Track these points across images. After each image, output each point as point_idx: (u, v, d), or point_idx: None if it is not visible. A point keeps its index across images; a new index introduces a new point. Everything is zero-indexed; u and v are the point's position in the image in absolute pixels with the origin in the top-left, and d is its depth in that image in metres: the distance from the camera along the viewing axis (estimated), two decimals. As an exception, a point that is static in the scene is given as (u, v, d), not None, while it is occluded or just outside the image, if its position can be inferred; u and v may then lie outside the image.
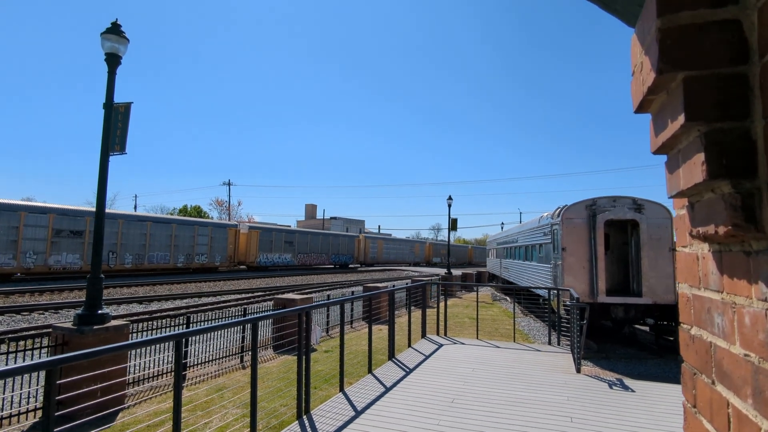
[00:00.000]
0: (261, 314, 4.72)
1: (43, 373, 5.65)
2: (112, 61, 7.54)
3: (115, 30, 7.49)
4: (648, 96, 0.89)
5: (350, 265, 54.01)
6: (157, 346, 8.29)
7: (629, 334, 12.87)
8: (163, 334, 3.60)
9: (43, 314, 14.53)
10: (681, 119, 0.77)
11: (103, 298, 7.35)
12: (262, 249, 40.06)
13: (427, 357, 8.00)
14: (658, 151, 0.94)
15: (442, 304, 11.04)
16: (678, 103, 0.78)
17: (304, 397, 5.16)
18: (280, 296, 11.34)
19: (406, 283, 10.70)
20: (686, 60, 0.76)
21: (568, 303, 8.35)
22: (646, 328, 13.47)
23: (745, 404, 0.77)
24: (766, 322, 0.70)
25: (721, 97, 0.74)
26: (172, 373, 4.45)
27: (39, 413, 6.10)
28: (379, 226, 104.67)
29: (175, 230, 32.24)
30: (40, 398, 6.39)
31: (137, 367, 7.82)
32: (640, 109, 0.95)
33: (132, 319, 11.95)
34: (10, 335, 10.04)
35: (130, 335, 7.36)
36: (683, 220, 1.01)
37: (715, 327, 0.89)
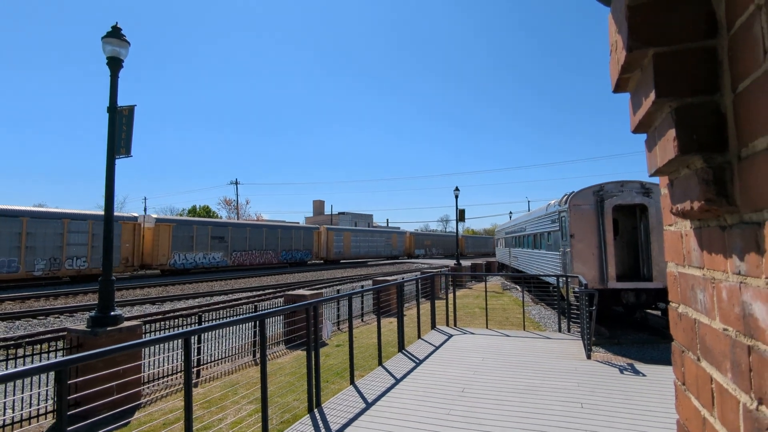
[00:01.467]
0: (267, 311, 4.77)
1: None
2: (114, 64, 7.59)
3: (115, 33, 7.53)
4: (623, 75, 0.89)
5: (309, 262, 45.66)
6: (171, 344, 8.40)
7: (641, 319, 12.80)
8: (172, 333, 3.65)
9: (59, 317, 14.78)
10: (653, 96, 0.77)
11: (117, 300, 7.45)
12: (179, 247, 32.17)
13: (436, 348, 8.02)
14: (636, 130, 0.94)
15: (451, 295, 11.04)
16: (650, 80, 0.78)
17: (314, 390, 5.22)
18: (290, 293, 11.45)
19: (415, 276, 10.74)
20: (655, 36, 0.76)
21: (577, 290, 8.31)
22: (658, 313, 13.37)
23: (725, 378, 0.77)
24: (740, 295, 0.70)
25: (690, 72, 0.74)
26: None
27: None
28: (387, 220, 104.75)
29: (27, 226, 23.67)
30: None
31: (153, 365, 7.95)
32: (618, 88, 0.95)
33: (145, 319, 12.11)
34: (27, 339, 10.24)
35: (144, 335, 7.47)
36: (666, 199, 1.01)
37: (699, 303, 0.89)
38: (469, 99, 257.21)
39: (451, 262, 36.18)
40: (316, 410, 5.13)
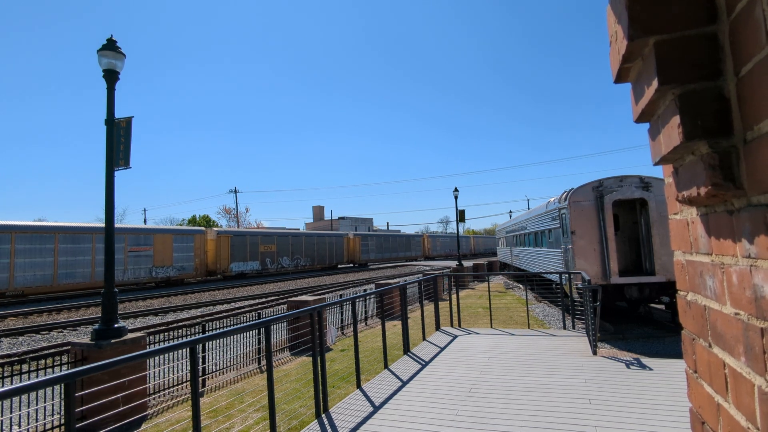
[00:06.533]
0: (272, 317, 4.76)
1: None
2: (111, 77, 7.60)
3: (111, 46, 7.55)
4: (624, 64, 0.89)
5: None
6: (175, 355, 8.37)
7: (645, 314, 12.78)
8: (177, 342, 3.64)
9: (62, 332, 14.74)
10: (655, 84, 0.77)
11: (120, 312, 7.44)
12: None
13: (442, 349, 8.00)
14: (639, 119, 0.95)
15: (454, 296, 11.03)
16: (651, 69, 0.79)
17: (321, 396, 5.20)
18: (293, 299, 11.44)
19: (418, 278, 10.74)
20: (656, 24, 0.76)
21: (580, 286, 8.30)
22: (662, 307, 13.36)
23: (738, 363, 0.77)
24: (751, 278, 0.71)
25: (692, 58, 0.74)
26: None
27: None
28: (387, 223, 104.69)
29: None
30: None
31: (158, 376, 7.91)
32: (619, 78, 0.95)
33: (149, 331, 12.08)
34: (30, 354, 10.21)
35: (148, 346, 7.45)
36: (671, 187, 1.01)
37: (708, 290, 0.89)
38: (460, 103, 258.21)
39: (457, 264, 35.90)
40: (323, 415, 5.11)
